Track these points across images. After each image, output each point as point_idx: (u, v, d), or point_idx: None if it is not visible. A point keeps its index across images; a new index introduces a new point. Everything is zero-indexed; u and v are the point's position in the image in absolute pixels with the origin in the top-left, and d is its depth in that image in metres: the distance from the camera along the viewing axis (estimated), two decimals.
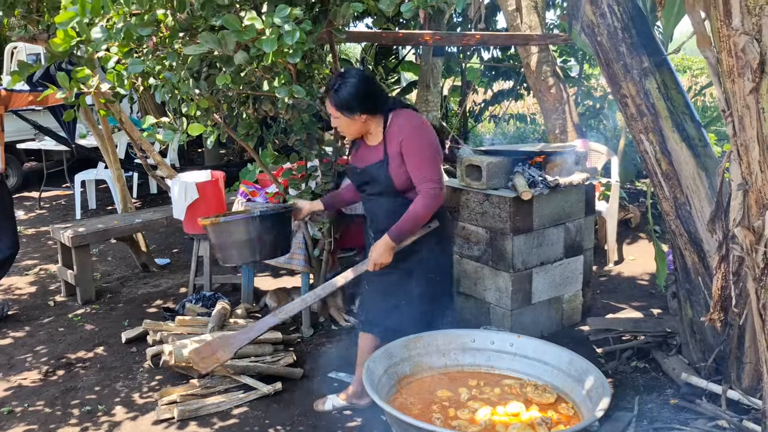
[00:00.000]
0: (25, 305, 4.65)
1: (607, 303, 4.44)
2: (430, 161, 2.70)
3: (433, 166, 2.71)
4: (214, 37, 2.42)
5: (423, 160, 2.69)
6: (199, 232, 4.42)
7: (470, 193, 3.91)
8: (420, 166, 2.69)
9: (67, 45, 2.54)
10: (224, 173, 4.56)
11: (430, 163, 2.70)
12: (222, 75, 2.64)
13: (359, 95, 2.66)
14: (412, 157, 2.70)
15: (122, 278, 5.19)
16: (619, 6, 2.95)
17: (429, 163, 2.70)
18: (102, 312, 4.51)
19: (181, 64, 2.58)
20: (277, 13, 2.32)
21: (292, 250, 3.94)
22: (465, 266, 4.04)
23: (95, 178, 7.32)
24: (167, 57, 2.55)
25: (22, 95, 4.32)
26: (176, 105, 2.75)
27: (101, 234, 4.68)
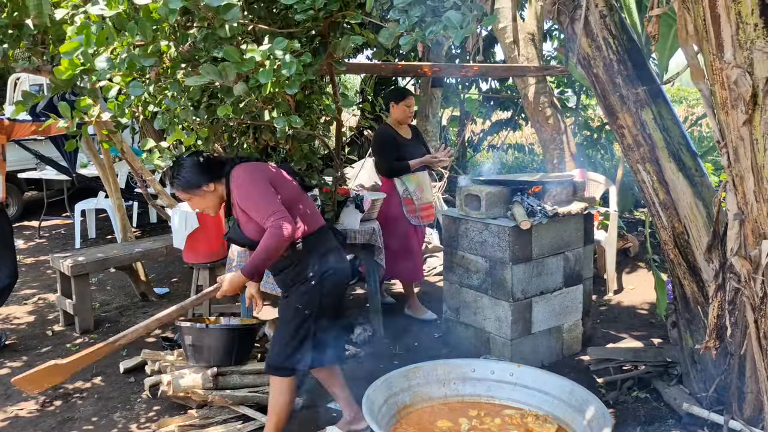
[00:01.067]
0: (23, 335, 4.63)
1: (607, 332, 4.42)
2: (263, 198, 2.65)
3: (267, 201, 2.64)
4: (214, 69, 2.46)
5: (254, 202, 2.67)
6: (199, 261, 4.44)
7: (469, 223, 3.93)
8: (256, 208, 2.67)
9: (71, 73, 2.57)
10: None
11: (262, 200, 2.65)
12: (223, 105, 2.68)
13: (197, 169, 2.77)
14: (247, 204, 2.71)
15: (121, 307, 5.17)
16: (614, 39, 3.00)
17: (262, 201, 2.65)
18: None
19: (182, 94, 2.62)
20: (276, 46, 2.36)
21: None
22: (464, 295, 4.04)
23: (95, 207, 7.34)
24: (169, 87, 2.59)
25: (25, 125, 4.37)
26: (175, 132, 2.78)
27: (101, 263, 4.68)
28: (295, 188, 2.87)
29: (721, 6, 2.08)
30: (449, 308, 4.18)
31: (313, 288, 2.81)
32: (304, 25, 2.76)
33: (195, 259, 4.42)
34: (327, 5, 2.52)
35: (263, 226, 2.64)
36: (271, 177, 2.77)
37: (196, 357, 3.35)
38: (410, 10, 2.61)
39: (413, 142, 4.67)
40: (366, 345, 4.27)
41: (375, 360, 4.06)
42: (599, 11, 3.00)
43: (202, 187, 2.80)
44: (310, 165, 3.51)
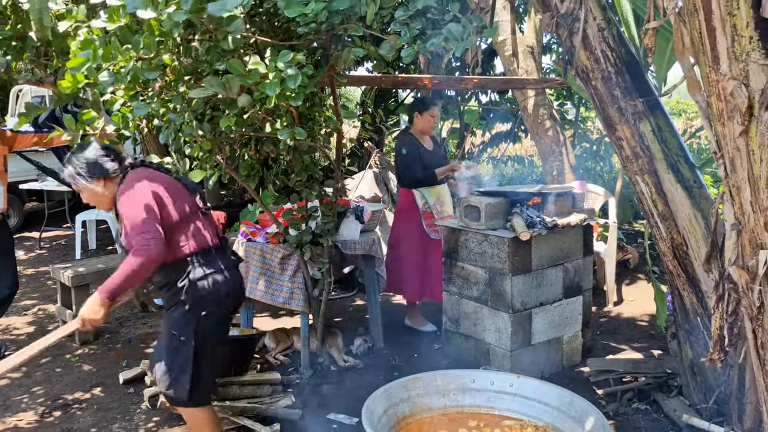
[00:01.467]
0: (23, 345, 4.58)
1: (607, 344, 4.42)
2: (139, 215, 2.51)
3: (142, 219, 2.50)
4: (218, 81, 2.49)
5: (129, 217, 2.54)
6: None
7: (469, 234, 3.94)
8: (130, 223, 2.53)
9: (74, 87, 2.60)
10: (225, 213, 4.60)
11: (138, 216, 2.51)
12: (225, 117, 2.70)
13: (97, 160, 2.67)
14: (124, 216, 2.58)
15: (121, 318, 5.17)
16: (612, 51, 3.03)
17: (138, 217, 2.51)
18: (100, 352, 4.49)
19: (185, 107, 2.65)
20: (281, 58, 2.39)
21: (291, 291, 3.97)
22: (464, 306, 4.04)
23: (96, 218, 7.35)
24: (172, 100, 2.62)
25: (27, 136, 4.39)
26: (180, 146, 2.81)
27: (101, 274, 4.68)
28: (190, 206, 2.71)
29: (716, 19, 2.11)
30: (449, 319, 4.19)
31: (186, 313, 2.65)
32: (306, 37, 2.79)
33: None
34: (329, 18, 2.55)
35: (130, 242, 2.51)
36: (161, 191, 2.62)
37: None
38: (411, 23, 2.64)
39: (435, 153, 4.64)
40: (366, 356, 4.27)
41: (375, 371, 4.06)
42: (597, 24, 3.03)
43: (93, 180, 2.67)
44: (311, 176, 3.53)
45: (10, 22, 2.98)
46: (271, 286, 4.01)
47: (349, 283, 5.79)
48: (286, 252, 3.97)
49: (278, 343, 4.27)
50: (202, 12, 2.23)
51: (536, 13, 5.71)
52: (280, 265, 4.00)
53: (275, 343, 4.26)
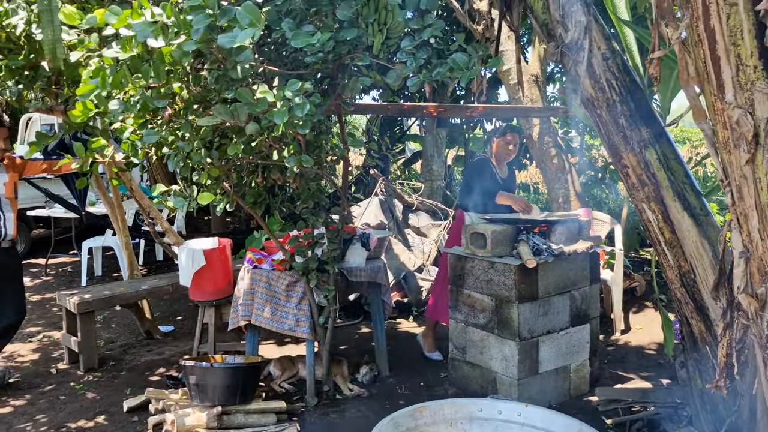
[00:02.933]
0: (27, 372, 4.61)
1: (615, 373, 4.38)
2: None
3: None
4: (226, 109, 2.52)
5: None
6: (205, 299, 4.44)
7: (475, 261, 3.93)
8: None
9: (85, 116, 2.64)
10: (231, 240, 4.61)
11: None
12: (233, 145, 2.73)
13: None
14: None
15: (125, 345, 5.15)
16: (617, 80, 3.06)
17: None
18: (104, 380, 4.46)
19: (194, 135, 2.67)
20: (289, 87, 2.42)
21: (297, 318, 3.96)
22: (471, 334, 4.02)
23: (102, 245, 7.37)
24: (181, 128, 2.65)
25: (36, 163, 4.43)
26: (188, 174, 2.83)
27: (107, 300, 4.69)
28: None
29: (720, 49, 2.13)
30: (455, 347, 4.16)
31: None
32: (313, 66, 2.82)
33: (201, 297, 4.43)
34: (335, 48, 2.59)
35: None
36: None
37: (201, 396, 3.33)
38: (417, 53, 2.67)
39: (507, 182, 4.58)
40: (371, 385, 4.23)
41: (380, 400, 4.03)
42: (602, 54, 3.06)
43: None
44: (317, 203, 3.55)
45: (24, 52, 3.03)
46: (276, 313, 4.00)
47: (354, 310, 5.77)
48: (292, 279, 3.97)
49: (283, 371, 4.24)
50: (212, 42, 2.26)
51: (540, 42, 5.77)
52: (285, 292, 3.99)
53: (280, 371, 4.23)
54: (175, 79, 2.47)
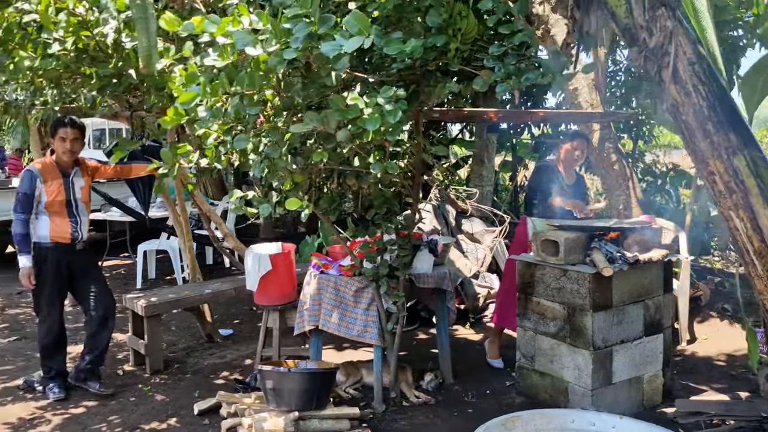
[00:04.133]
0: None
1: (685, 384, 4.28)
2: None
3: None
4: (317, 116, 2.54)
5: None
6: (271, 304, 4.47)
7: (546, 269, 3.89)
8: None
9: (175, 122, 2.68)
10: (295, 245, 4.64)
11: None
12: (318, 152, 2.74)
13: None
14: None
15: (187, 348, 5.22)
16: (704, 85, 2.99)
17: None
18: (170, 382, 4.52)
19: (282, 142, 2.69)
20: (382, 94, 2.42)
21: (366, 324, 3.96)
22: (540, 343, 3.97)
23: (157, 248, 7.49)
24: (269, 134, 2.67)
25: (108, 167, 4.51)
26: (274, 180, 2.84)
27: (173, 304, 4.75)
28: None
29: None
30: (523, 355, 4.11)
31: None
32: (398, 73, 2.82)
33: (267, 302, 4.45)
34: (423, 55, 2.58)
35: None
36: None
37: (277, 401, 3.34)
38: (505, 58, 2.65)
39: (574, 188, 4.53)
40: (436, 392, 4.20)
41: (447, 407, 4.00)
42: (688, 59, 3.00)
43: None
44: (390, 209, 3.54)
45: (113, 60, 3.09)
46: (345, 319, 4.01)
47: (411, 316, 5.75)
48: (361, 285, 3.97)
49: (348, 377, 4.24)
50: (310, 50, 2.27)
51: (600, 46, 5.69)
52: (354, 298, 4.00)
53: (345, 377, 4.23)
54: (268, 87, 2.48)
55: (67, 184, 4.17)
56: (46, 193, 4.08)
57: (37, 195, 4.08)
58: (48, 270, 4.12)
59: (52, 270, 4.14)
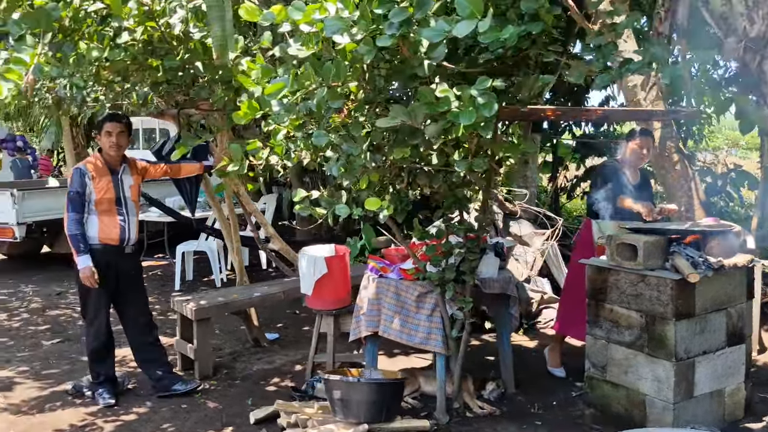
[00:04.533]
0: (142, 378, 4.54)
1: (763, 397, 4.04)
2: None
3: None
4: (404, 110, 2.36)
5: None
6: (325, 308, 4.31)
7: (621, 274, 3.67)
8: None
9: (249, 117, 2.52)
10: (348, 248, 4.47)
11: None
12: (399, 148, 2.56)
13: None
14: None
15: (234, 353, 5.07)
16: None
17: None
18: (220, 388, 4.37)
19: (363, 137, 2.52)
20: (478, 85, 2.24)
21: (429, 330, 3.78)
22: (613, 352, 3.75)
23: (196, 249, 7.37)
24: (352, 129, 2.50)
25: (158, 167, 4.40)
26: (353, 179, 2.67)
27: (223, 307, 4.61)
28: None
29: None
30: (593, 365, 3.89)
31: None
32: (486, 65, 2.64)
33: (321, 306, 4.30)
34: (517, 43, 2.39)
35: None
36: None
37: (345, 412, 3.17)
38: (604, 47, 2.46)
39: (639, 189, 4.27)
40: (499, 402, 4.01)
41: (513, 419, 3.82)
42: None
43: None
44: (461, 210, 3.36)
45: (180, 51, 2.94)
46: (406, 325, 3.83)
47: None
48: (423, 289, 3.79)
49: (406, 386, 4.06)
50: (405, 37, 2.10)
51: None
52: (416, 303, 3.82)
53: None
54: (353, 78, 2.31)
55: (115, 182, 4.05)
56: (95, 190, 3.96)
57: (87, 193, 3.96)
58: (96, 273, 4.00)
59: (100, 273, 4.01)
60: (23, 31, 2.26)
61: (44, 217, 8.04)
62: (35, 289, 7.42)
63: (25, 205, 7.74)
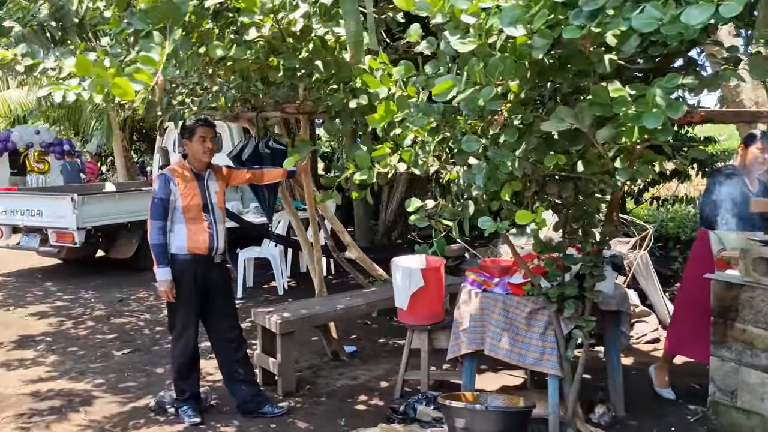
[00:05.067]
0: (223, 393, 4.33)
1: None
2: None
3: None
4: (571, 112, 2.09)
5: None
6: (418, 323, 4.06)
7: (756, 291, 3.35)
8: None
9: (387, 119, 2.28)
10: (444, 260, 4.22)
11: None
12: (553, 155, 2.29)
13: None
14: None
15: (313, 367, 4.84)
16: None
17: None
18: (306, 406, 4.14)
19: (516, 142, 2.26)
20: (666, 82, 1.96)
21: (542, 350, 3.50)
22: (745, 376, 3.43)
23: (258, 255, 7.19)
24: (505, 133, 2.24)
25: (242, 172, 4.19)
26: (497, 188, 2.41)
27: (307, 320, 4.39)
28: None
29: None
30: (719, 389, 3.57)
31: None
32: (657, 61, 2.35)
33: (414, 321, 4.05)
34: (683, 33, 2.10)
35: None
36: None
37: None
38: None
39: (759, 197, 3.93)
40: (611, 427, 3.71)
41: None
42: None
43: None
44: (590, 222, 3.07)
45: (301, 48, 2.70)
46: (516, 344, 3.55)
47: None
48: (535, 306, 3.51)
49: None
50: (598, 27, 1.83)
51: None
52: (526, 321, 3.54)
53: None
54: (517, 75, 2.05)
55: (202, 187, 3.85)
56: (181, 196, 3.76)
57: (172, 200, 3.77)
58: (185, 285, 3.80)
59: (189, 284, 3.81)
60: (149, 27, 2.06)
61: (103, 222, 7.97)
62: (95, 295, 7.31)
63: (85, 210, 7.66)
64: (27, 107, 14.22)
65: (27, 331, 5.86)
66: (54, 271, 8.72)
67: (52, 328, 5.97)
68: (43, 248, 8.07)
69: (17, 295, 7.30)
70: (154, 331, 5.87)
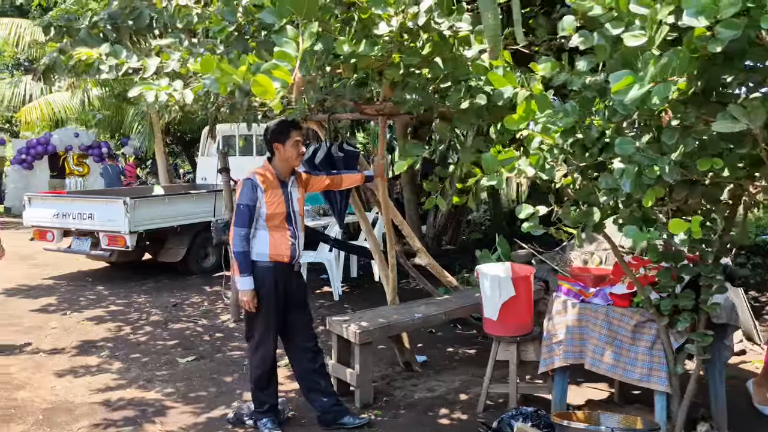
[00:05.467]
0: (298, 404, 4.20)
1: None
2: None
3: None
4: (743, 110, 1.90)
5: None
6: (507, 334, 3.88)
7: None
8: None
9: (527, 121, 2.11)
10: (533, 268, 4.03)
11: None
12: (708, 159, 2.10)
13: None
14: None
15: (386, 377, 4.68)
16: None
17: None
18: (387, 419, 3.98)
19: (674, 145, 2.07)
20: None
21: (650, 366, 3.30)
22: None
23: (313, 260, 7.05)
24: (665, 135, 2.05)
25: (321, 178, 4.05)
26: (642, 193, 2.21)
27: (386, 329, 4.23)
28: None
29: None
30: None
31: None
32: None
33: (503, 332, 3.87)
34: None
35: None
36: None
37: None
38: None
39: None
40: None
41: None
42: None
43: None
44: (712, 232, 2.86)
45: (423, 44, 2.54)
46: (621, 359, 3.36)
47: None
48: (642, 318, 3.31)
49: None
50: None
51: None
52: (631, 334, 3.35)
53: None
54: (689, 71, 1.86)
55: (286, 195, 3.71)
56: (267, 204, 3.62)
57: (257, 207, 3.63)
58: (266, 293, 3.66)
59: (270, 293, 3.67)
60: (282, 21, 1.91)
61: (153, 225, 7.90)
62: (149, 299, 7.24)
63: (137, 214, 7.60)
64: (70, 111, 14.30)
65: (87, 336, 5.79)
66: (104, 274, 8.68)
67: (111, 333, 5.89)
68: (94, 251, 8.03)
69: (71, 299, 7.25)
70: (214, 338, 5.76)
